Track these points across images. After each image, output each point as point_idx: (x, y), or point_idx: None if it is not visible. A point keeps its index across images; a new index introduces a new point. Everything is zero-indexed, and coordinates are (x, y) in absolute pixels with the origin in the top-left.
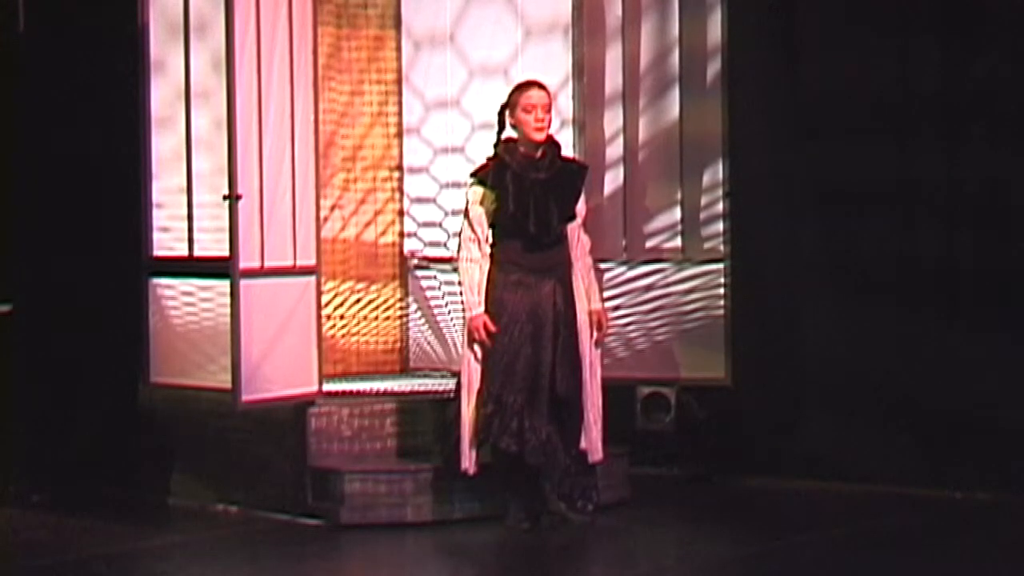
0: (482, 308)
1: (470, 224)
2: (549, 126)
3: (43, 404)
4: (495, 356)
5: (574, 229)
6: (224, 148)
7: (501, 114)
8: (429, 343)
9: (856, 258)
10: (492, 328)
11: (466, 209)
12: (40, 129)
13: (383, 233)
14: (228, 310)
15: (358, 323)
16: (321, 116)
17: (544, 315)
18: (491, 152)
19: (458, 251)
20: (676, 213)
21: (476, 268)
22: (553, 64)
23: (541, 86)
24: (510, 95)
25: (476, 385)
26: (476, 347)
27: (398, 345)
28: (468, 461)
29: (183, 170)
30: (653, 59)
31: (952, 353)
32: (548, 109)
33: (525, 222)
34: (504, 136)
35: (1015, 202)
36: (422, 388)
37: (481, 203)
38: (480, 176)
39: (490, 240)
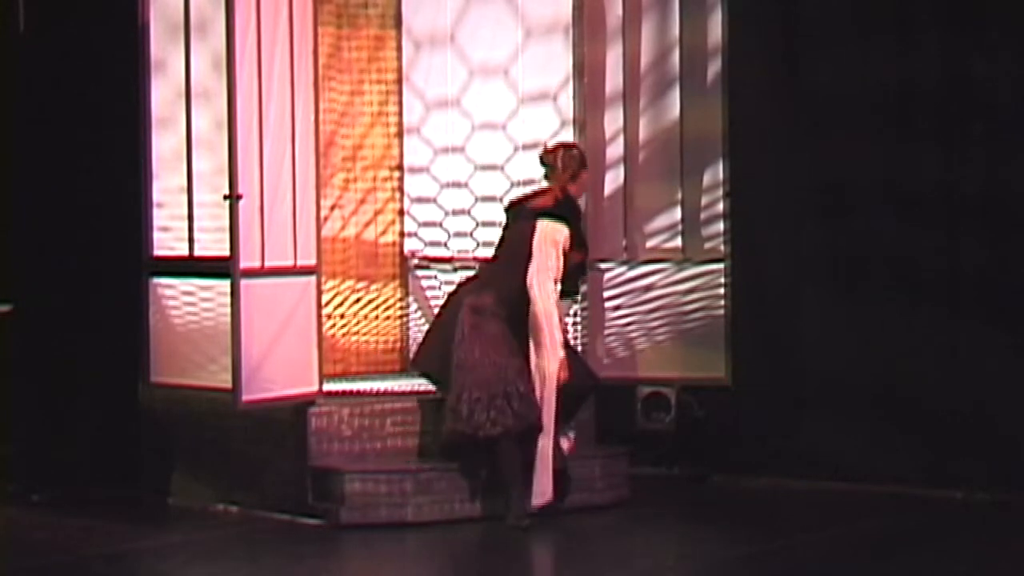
0: None
1: (557, 263)
2: None
3: (43, 404)
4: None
5: None
6: (224, 148)
7: (558, 157)
8: None
9: (856, 258)
10: None
11: (557, 247)
12: (40, 129)
13: (383, 233)
14: (228, 310)
15: (358, 323)
16: (321, 116)
17: None
18: (549, 187)
19: (541, 287)
20: (676, 213)
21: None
22: (553, 64)
23: None
24: (581, 155)
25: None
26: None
27: (398, 345)
28: (551, 493)
29: (183, 170)
30: (653, 59)
31: (952, 353)
32: None
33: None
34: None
35: (1015, 202)
36: (422, 388)
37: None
38: (567, 219)
39: None
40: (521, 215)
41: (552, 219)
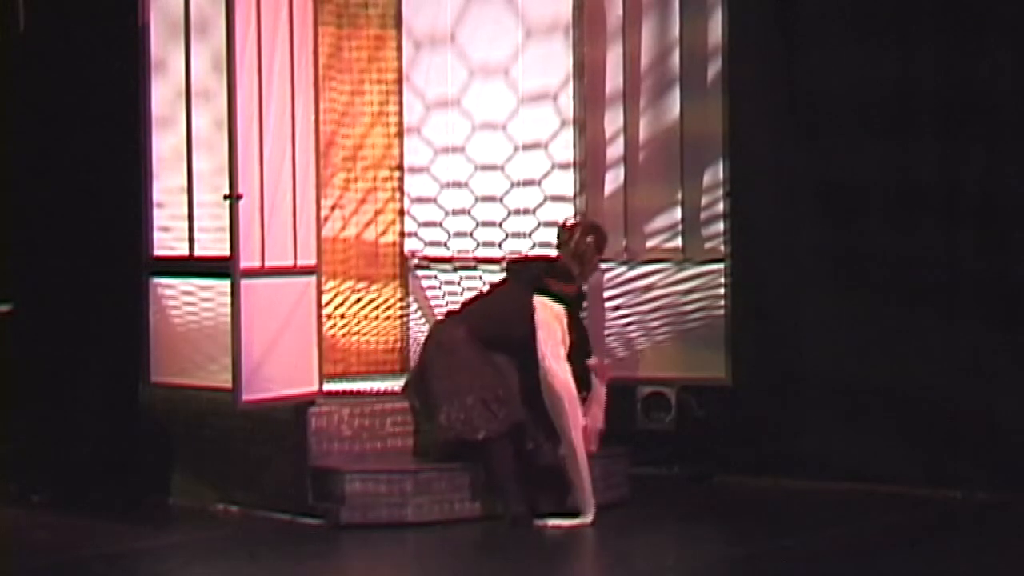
0: None
1: (564, 336)
2: None
3: (43, 404)
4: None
5: None
6: (224, 148)
7: (573, 237)
8: None
9: (856, 258)
10: None
11: (560, 321)
12: (40, 129)
13: (383, 233)
14: (228, 310)
15: (358, 323)
16: (321, 116)
17: None
18: (555, 267)
19: (555, 358)
20: (676, 213)
21: None
22: (553, 64)
23: None
24: (598, 239)
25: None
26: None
27: (398, 345)
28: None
29: (183, 170)
30: (653, 59)
31: (952, 353)
32: None
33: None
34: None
35: (1015, 202)
36: None
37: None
38: (565, 298)
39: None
40: (522, 280)
41: (549, 297)
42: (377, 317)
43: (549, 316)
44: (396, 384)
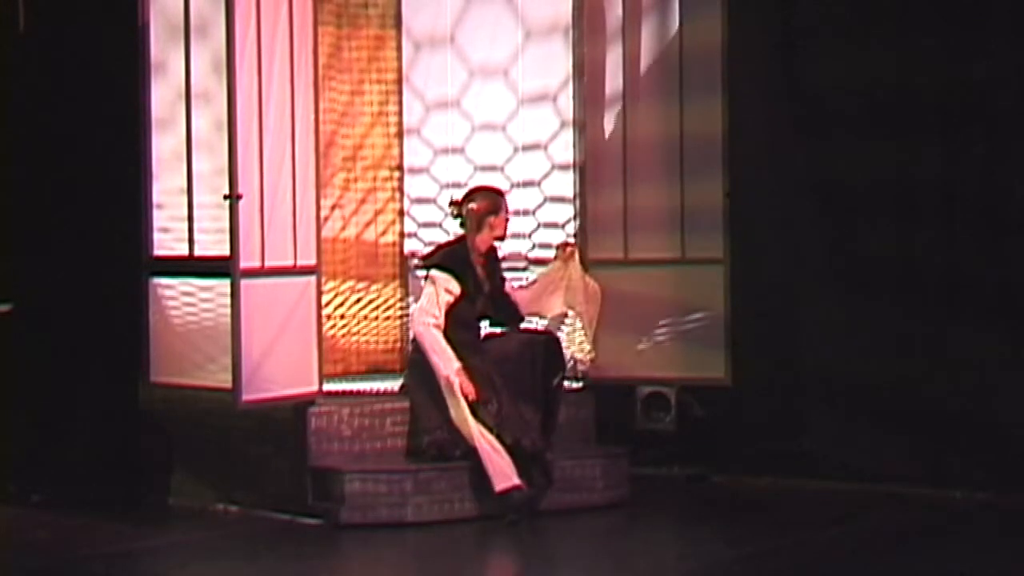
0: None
1: (438, 300)
2: None
3: (43, 404)
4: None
5: None
6: (224, 148)
7: (463, 211)
8: None
9: (856, 258)
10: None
11: (437, 292)
12: (40, 129)
13: (383, 233)
14: (228, 310)
15: (358, 323)
16: (321, 116)
17: None
18: (452, 239)
19: (415, 319)
20: (676, 213)
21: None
22: (553, 64)
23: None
24: (484, 202)
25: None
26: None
27: (398, 345)
28: (516, 477)
29: (183, 171)
30: (653, 59)
31: (952, 353)
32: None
33: (477, 325)
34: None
35: (1015, 202)
36: None
37: (450, 291)
38: (453, 270)
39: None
40: (428, 265)
41: (440, 270)
42: (377, 317)
43: (431, 285)
44: (396, 384)
